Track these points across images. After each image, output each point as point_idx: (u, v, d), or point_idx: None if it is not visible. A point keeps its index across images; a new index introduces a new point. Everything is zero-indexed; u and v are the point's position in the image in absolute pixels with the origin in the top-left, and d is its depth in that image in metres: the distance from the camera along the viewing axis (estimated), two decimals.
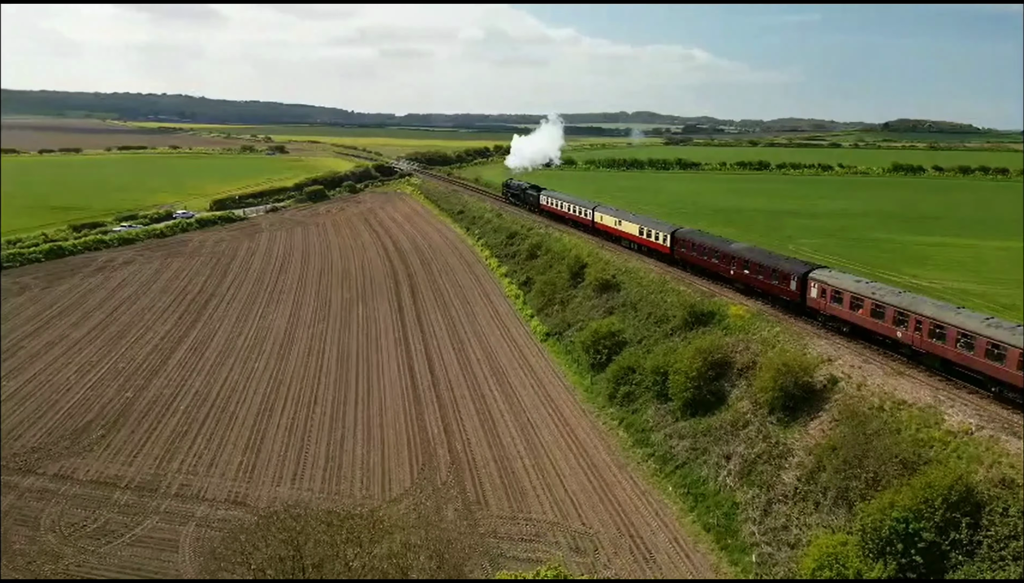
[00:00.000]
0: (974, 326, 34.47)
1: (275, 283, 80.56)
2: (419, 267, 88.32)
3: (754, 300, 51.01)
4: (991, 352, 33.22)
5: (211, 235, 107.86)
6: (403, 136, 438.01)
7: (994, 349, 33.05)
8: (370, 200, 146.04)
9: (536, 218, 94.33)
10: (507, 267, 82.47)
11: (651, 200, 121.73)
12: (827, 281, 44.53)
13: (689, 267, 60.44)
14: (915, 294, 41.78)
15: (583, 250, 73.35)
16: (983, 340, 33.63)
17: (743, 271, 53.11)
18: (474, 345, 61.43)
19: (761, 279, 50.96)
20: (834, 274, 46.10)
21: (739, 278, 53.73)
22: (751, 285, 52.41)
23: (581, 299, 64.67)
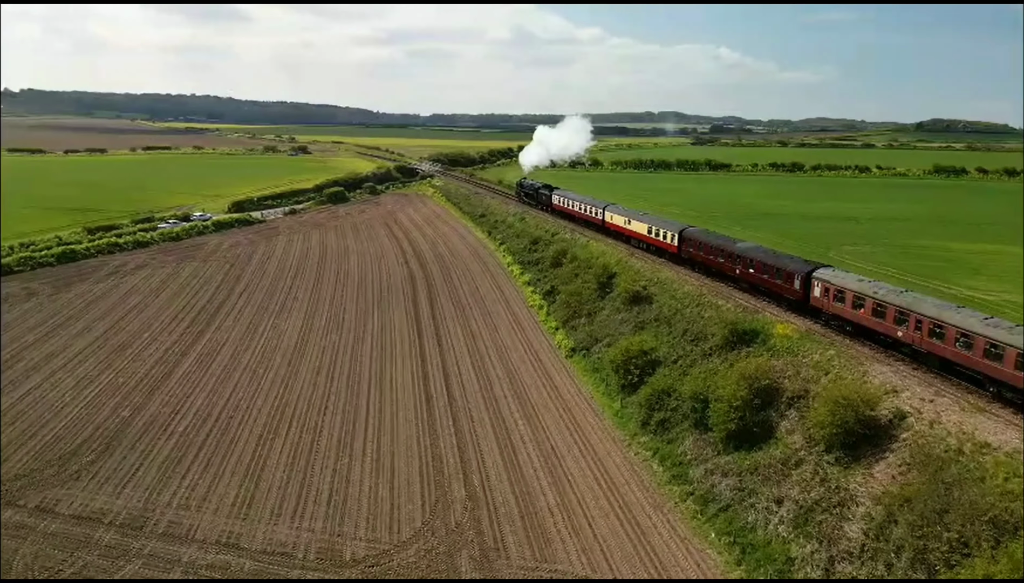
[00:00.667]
0: (973, 325, 34.64)
1: (289, 290, 77.32)
2: (438, 273, 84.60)
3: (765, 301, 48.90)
4: (989, 352, 33.31)
5: (227, 238, 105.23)
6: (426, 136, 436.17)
7: (992, 348, 33.16)
8: (391, 202, 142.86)
9: (560, 222, 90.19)
10: (530, 274, 78.41)
11: (681, 202, 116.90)
12: (830, 280, 44.61)
13: (697, 266, 60.74)
14: (916, 293, 41.46)
15: (611, 258, 69.03)
16: (982, 340, 33.72)
17: (748, 270, 53.32)
18: (494, 361, 57.44)
19: (766, 278, 51.28)
20: (837, 273, 45.86)
21: (744, 277, 53.99)
22: (756, 284, 52.67)
23: (609, 312, 60.37)
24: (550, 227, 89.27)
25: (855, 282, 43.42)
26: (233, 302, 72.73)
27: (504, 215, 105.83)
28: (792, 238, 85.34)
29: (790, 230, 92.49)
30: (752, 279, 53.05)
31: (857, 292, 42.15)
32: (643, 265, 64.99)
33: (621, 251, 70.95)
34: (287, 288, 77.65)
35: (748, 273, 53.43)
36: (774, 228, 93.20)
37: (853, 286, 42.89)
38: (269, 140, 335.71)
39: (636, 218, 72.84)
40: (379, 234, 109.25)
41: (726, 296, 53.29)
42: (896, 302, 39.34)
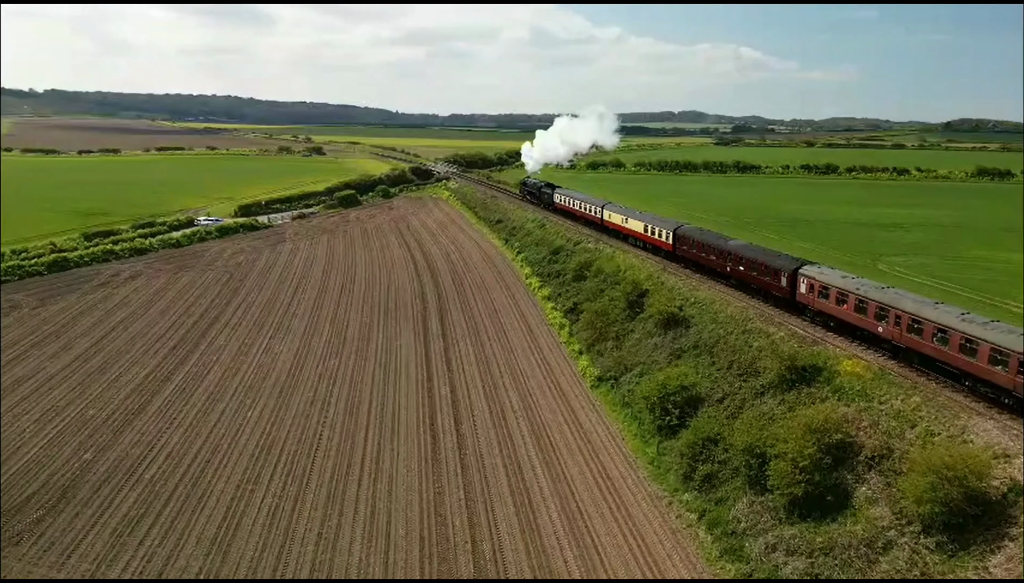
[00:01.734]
0: (949, 321, 34.93)
1: (289, 304, 71.38)
2: (450, 286, 78.23)
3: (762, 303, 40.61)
4: (965, 347, 33.57)
5: (230, 244, 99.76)
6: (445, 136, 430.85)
7: (967, 344, 33.42)
8: (404, 206, 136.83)
9: (584, 230, 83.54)
10: (550, 288, 71.79)
11: (710, 207, 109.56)
12: (815, 277, 45.14)
13: (691, 264, 61.43)
14: (898, 289, 41.75)
15: (641, 273, 62.22)
16: (957, 335, 34.00)
17: (738, 268, 53.95)
18: (510, 391, 50.94)
19: (755, 275, 51.86)
20: (823, 270, 46.18)
21: (735, 274, 54.54)
22: (746, 281, 53.25)
23: (640, 335, 53.58)
24: (572, 235, 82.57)
25: (839, 278, 43.88)
26: (227, 318, 66.89)
27: (522, 221, 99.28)
28: (835, 247, 78.12)
29: (832, 238, 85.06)
30: (742, 276, 53.64)
31: (840, 288, 42.64)
32: (678, 282, 58.14)
33: (652, 265, 64.11)
34: (287, 303, 71.70)
35: (738, 270, 54.01)
36: (815, 236, 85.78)
37: (837, 282, 43.36)
38: (285, 140, 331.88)
39: (633, 216, 73.64)
40: (389, 241, 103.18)
41: (776, 322, 46.36)
42: (877, 298, 39.80)
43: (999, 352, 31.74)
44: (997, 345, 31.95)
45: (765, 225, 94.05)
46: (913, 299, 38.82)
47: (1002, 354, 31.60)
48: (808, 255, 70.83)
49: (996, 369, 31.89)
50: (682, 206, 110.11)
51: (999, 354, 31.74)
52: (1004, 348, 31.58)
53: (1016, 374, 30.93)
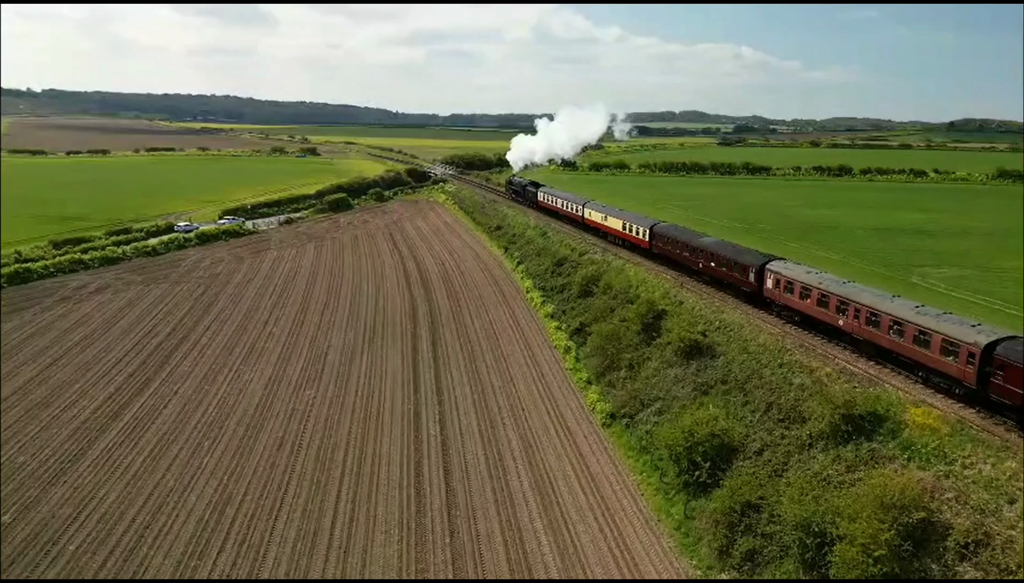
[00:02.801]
0: (904, 314, 35.67)
1: (266, 323, 64.78)
2: (445, 301, 71.58)
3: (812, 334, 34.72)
4: (919, 339, 34.22)
5: (211, 252, 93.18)
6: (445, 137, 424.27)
7: (921, 336, 34.10)
8: (398, 210, 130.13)
9: (589, 239, 77.03)
10: (553, 304, 65.17)
11: (721, 212, 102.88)
12: (781, 272, 45.95)
13: (667, 261, 62.26)
14: (858, 284, 42.51)
15: (656, 290, 55.61)
16: (912, 327, 34.69)
17: (710, 264, 54.80)
18: (509, 429, 44.35)
19: (725, 271, 52.65)
20: (788, 265, 47.05)
21: (707, 271, 55.41)
22: (717, 277, 54.01)
23: (658, 364, 46.94)
24: (577, 245, 75.96)
25: (803, 273, 44.65)
26: (196, 338, 60.30)
27: (523, 228, 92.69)
28: (863, 258, 71.69)
29: (857, 246, 78.57)
30: (713, 272, 54.36)
31: (804, 283, 43.44)
32: (698, 301, 51.53)
33: (668, 280, 57.52)
34: (263, 321, 65.09)
35: (710, 266, 54.75)
36: (838, 244, 79.23)
37: (801, 277, 44.14)
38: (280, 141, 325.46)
39: (612, 214, 75.08)
40: (381, 249, 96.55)
41: (821, 353, 39.76)
42: (837, 292, 40.57)
43: (950, 343, 32.48)
44: (948, 336, 32.70)
45: (783, 233, 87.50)
46: (871, 293, 39.81)
47: (953, 345, 32.33)
48: (836, 267, 64.63)
49: (948, 360, 32.68)
50: (692, 211, 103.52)
51: (950, 345, 32.48)
52: (955, 339, 32.31)
53: (966, 365, 31.69)
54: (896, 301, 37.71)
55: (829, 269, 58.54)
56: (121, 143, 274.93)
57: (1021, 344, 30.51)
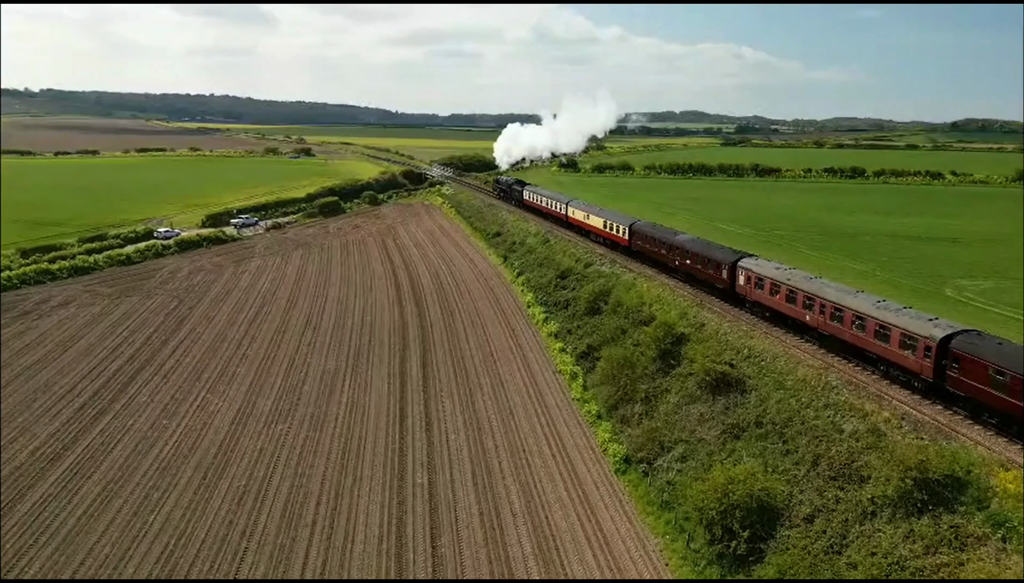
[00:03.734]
0: (866, 308, 36.45)
1: (240, 343, 58.82)
2: (438, 317, 65.60)
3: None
4: (879, 333, 35.02)
5: (189, 261, 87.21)
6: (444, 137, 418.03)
7: (881, 330, 34.91)
8: (392, 214, 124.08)
9: (597, 250, 71.06)
10: (557, 323, 59.17)
11: (733, 218, 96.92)
12: (751, 269, 46.51)
13: (646, 259, 63.04)
14: (825, 280, 42.92)
15: (673, 310, 49.66)
16: (873, 322, 35.47)
17: (685, 261, 55.40)
18: (508, 476, 38.41)
19: (699, 268, 53.21)
20: (759, 262, 47.66)
21: (683, 268, 55.99)
22: (693, 274, 54.52)
23: (679, 399, 41.00)
24: (582, 255, 69.97)
25: (773, 270, 45.26)
26: (161, 361, 54.35)
27: (523, 235, 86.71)
28: (891, 268, 66.18)
29: (883, 255, 72.91)
30: (688, 269, 55.08)
31: (773, 279, 44.06)
32: (722, 323, 45.59)
33: (686, 298, 51.56)
34: (238, 341, 59.12)
35: (685, 263, 55.44)
36: (863, 253, 73.50)
37: (770, 274, 44.74)
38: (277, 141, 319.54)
39: (594, 213, 75.80)
40: (372, 257, 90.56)
41: (874, 393, 33.84)
42: (805, 288, 41.17)
43: (908, 337, 33.24)
44: (906, 330, 33.41)
45: (802, 240, 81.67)
46: (836, 288, 40.30)
47: (911, 339, 33.09)
48: (864, 279, 59.77)
49: (906, 354, 33.39)
50: (702, 217, 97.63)
51: (908, 339, 33.23)
52: (912, 333, 33.07)
53: (923, 358, 32.39)
54: (859, 296, 38.52)
55: (854, 281, 53.24)
56: (113, 144, 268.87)
57: (976, 337, 31.51)
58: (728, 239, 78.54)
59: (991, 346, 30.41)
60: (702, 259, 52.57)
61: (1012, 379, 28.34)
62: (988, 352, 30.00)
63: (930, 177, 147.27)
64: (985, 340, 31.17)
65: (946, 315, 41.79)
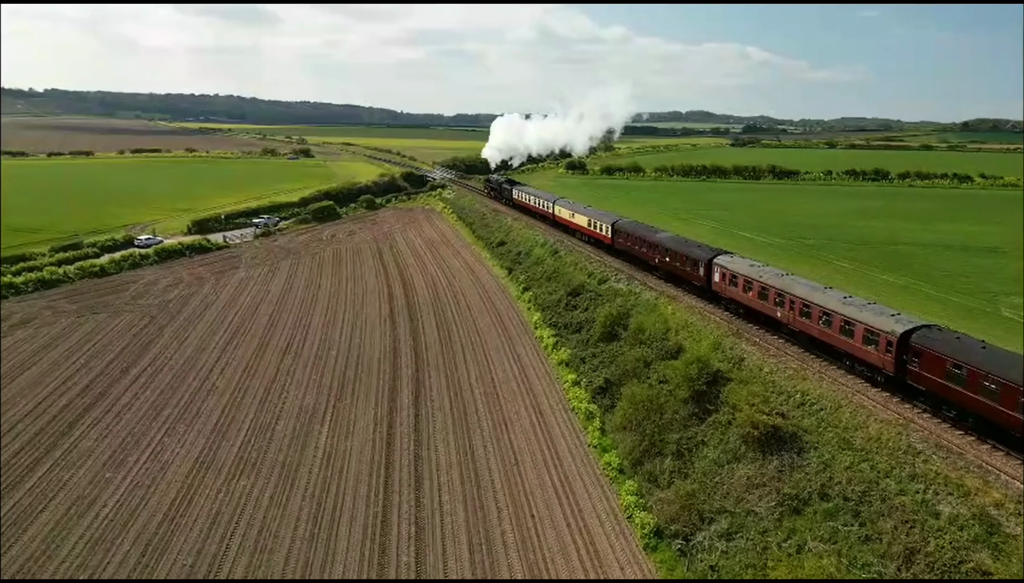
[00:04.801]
0: (832, 304, 36.93)
1: (211, 370, 52.06)
2: (434, 339, 58.70)
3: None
4: (844, 328, 35.62)
5: (168, 272, 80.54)
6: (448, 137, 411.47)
7: (846, 325, 35.43)
8: (391, 219, 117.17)
9: (613, 263, 64.12)
10: (569, 349, 52.19)
11: (758, 225, 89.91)
12: (726, 266, 46.97)
13: (628, 257, 62.93)
14: (796, 276, 43.55)
15: (704, 340, 42.70)
16: (838, 317, 36.00)
17: (665, 259, 55.52)
18: (512, 550, 31.59)
19: (677, 266, 53.20)
20: (733, 259, 47.90)
21: (662, 265, 56.05)
22: (671, 272, 54.52)
23: (720, 454, 34.04)
24: (595, 269, 63.01)
25: (746, 267, 45.52)
26: (117, 394, 47.62)
27: (530, 245, 79.78)
28: (936, 283, 59.76)
29: (924, 268, 65.97)
30: (667, 267, 55.17)
31: (746, 276, 44.46)
32: (764, 359, 38.62)
33: (719, 325, 44.58)
34: (208, 368, 52.35)
35: (665, 261, 55.52)
36: (901, 265, 66.95)
37: (744, 271, 45.10)
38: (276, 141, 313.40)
39: (579, 212, 76.36)
40: (366, 267, 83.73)
41: (973, 460, 26.89)
42: (776, 284, 41.70)
43: (871, 332, 33.78)
44: (869, 326, 33.94)
45: (833, 250, 74.79)
46: (805, 284, 40.71)
47: (873, 334, 33.64)
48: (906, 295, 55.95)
49: (869, 349, 33.95)
50: (723, 223, 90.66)
51: (871, 334, 33.78)
52: (875, 328, 33.62)
53: (885, 353, 32.99)
54: (827, 292, 38.89)
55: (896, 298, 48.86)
56: (111, 144, 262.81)
57: (936, 332, 31.96)
58: (755, 251, 71.69)
59: (949, 341, 30.85)
60: (680, 257, 52.84)
61: (968, 373, 28.73)
62: (946, 346, 30.35)
63: (957, 180, 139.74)
64: (944, 335, 31.65)
65: (1010, 343, 35.51)
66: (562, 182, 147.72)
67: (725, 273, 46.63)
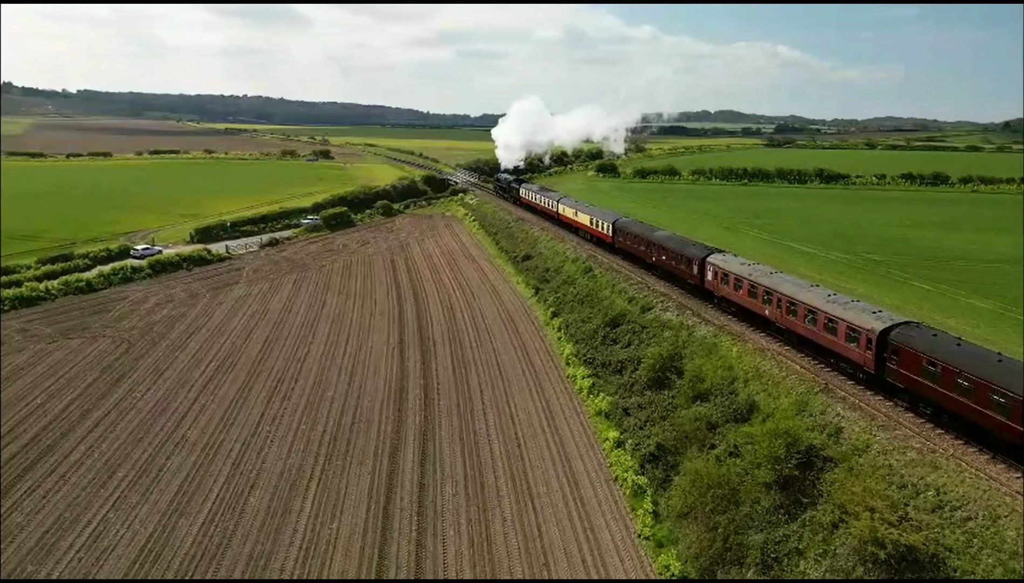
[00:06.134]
0: (816, 302, 36.75)
1: (185, 415, 44.12)
2: (448, 376, 50.15)
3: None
4: (828, 326, 35.33)
5: (160, 288, 73.16)
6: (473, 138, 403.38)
7: (830, 323, 35.18)
8: (407, 227, 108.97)
9: (657, 288, 55.08)
10: (609, 396, 43.26)
11: (812, 237, 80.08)
12: (719, 264, 46.97)
13: (628, 255, 63.18)
14: (785, 275, 43.34)
15: (783, 399, 33.58)
16: (823, 315, 35.78)
17: (661, 257, 55.72)
18: None
19: (673, 264, 53.40)
20: (726, 258, 47.85)
21: (659, 264, 56.23)
22: (668, 270, 54.62)
23: (825, 571, 24.99)
24: (636, 293, 54.01)
25: (738, 265, 45.56)
26: (69, 447, 39.84)
27: (559, 260, 70.98)
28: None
29: (1013, 287, 56.16)
30: (664, 265, 55.26)
31: (737, 275, 44.45)
32: (871, 428, 29.43)
33: (800, 376, 35.40)
34: (182, 413, 44.39)
35: (662, 259, 55.64)
36: (987, 286, 57.40)
37: (735, 269, 45.12)
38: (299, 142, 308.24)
39: (582, 210, 77.02)
40: (377, 284, 75.55)
41: None
42: (764, 283, 41.59)
43: (853, 329, 33.61)
44: (851, 323, 33.77)
45: (905, 267, 65.00)
46: (792, 282, 40.81)
47: (855, 331, 33.44)
48: (999, 323, 45.81)
49: (851, 346, 33.79)
50: (775, 234, 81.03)
51: (853, 331, 33.60)
52: (856, 325, 33.43)
53: (865, 350, 32.66)
54: (813, 290, 38.73)
55: (988, 329, 42.55)
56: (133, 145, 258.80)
57: (914, 329, 31.63)
58: (818, 270, 62.37)
59: (925, 338, 30.55)
60: (676, 255, 52.83)
61: (943, 370, 28.59)
62: (922, 344, 30.13)
63: None
64: (921, 332, 31.35)
65: None
66: (593, 186, 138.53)
67: (717, 271, 46.92)
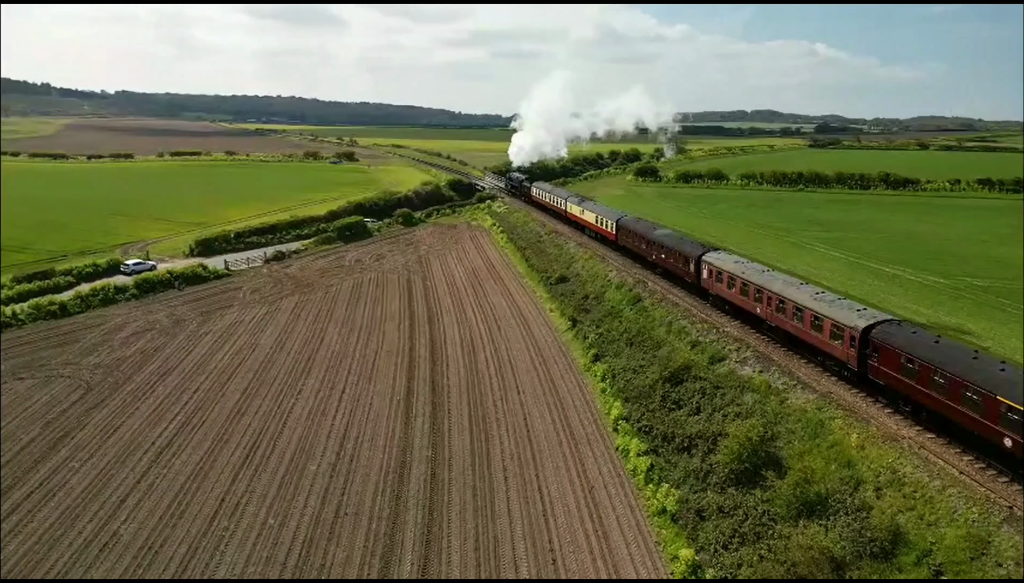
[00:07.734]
0: (804, 300, 37.01)
1: (125, 497, 34.50)
2: (465, 448, 39.61)
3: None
4: (814, 323, 35.77)
5: (143, 313, 64.18)
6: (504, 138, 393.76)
7: (816, 320, 35.64)
8: (428, 239, 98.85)
9: (731, 332, 44.13)
10: (677, 488, 32.28)
11: (894, 256, 68.21)
12: (713, 263, 47.23)
13: (630, 253, 64.37)
14: (776, 273, 43.27)
15: (944, 526, 22.57)
16: (809, 312, 36.14)
17: (661, 255, 56.28)
18: None
19: (671, 262, 53.96)
20: (721, 256, 48.02)
21: (659, 262, 56.83)
22: (667, 268, 55.22)
23: None
24: (701, 337, 43.10)
25: (731, 264, 45.73)
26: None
27: (600, 285, 60.19)
28: None
29: None
30: (663, 263, 55.85)
31: (731, 273, 44.67)
32: None
33: (957, 482, 24.37)
34: (122, 495, 34.68)
35: (661, 258, 56.13)
36: None
37: (729, 267, 45.34)
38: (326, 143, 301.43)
39: (588, 209, 79.89)
40: (388, 310, 65.51)
41: None
42: (756, 281, 41.75)
43: (837, 327, 34.13)
44: (836, 320, 34.25)
45: (1012, 294, 53.32)
46: (782, 280, 40.84)
47: (839, 329, 34.00)
48: None
49: (835, 344, 34.27)
50: (852, 253, 69.29)
51: (837, 329, 34.13)
52: (840, 323, 33.91)
53: (849, 348, 33.13)
54: (801, 288, 38.89)
55: None
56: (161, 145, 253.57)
57: (895, 327, 31.92)
58: (910, 295, 51.89)
59: (905, 336, 30.68)
60: (674, 253, 52.96)
61: (920, 368, 28.62)
62: (901, 341, 30.20)
63: None
64: (902, 329, 31.50)
65: None
66: (633, 192, 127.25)
67: (712, 270, 46.88)
